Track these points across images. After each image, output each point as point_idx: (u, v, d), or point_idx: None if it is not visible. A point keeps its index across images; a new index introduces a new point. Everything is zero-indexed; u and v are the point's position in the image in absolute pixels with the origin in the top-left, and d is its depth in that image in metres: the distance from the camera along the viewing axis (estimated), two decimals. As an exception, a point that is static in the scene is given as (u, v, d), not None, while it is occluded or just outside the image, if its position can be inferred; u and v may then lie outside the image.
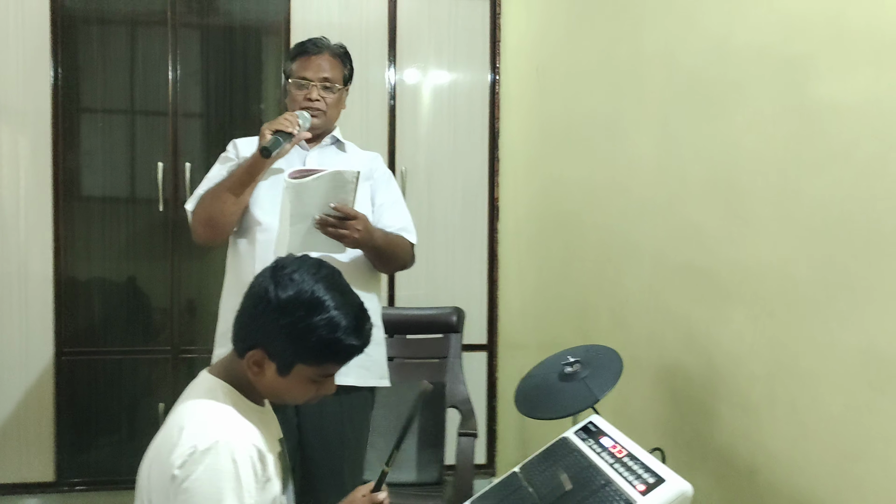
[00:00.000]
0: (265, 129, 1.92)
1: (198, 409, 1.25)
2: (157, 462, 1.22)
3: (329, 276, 1.29)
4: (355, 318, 1.27)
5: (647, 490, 1.30)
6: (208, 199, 1.99)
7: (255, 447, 1.22)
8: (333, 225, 1.86)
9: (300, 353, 1.24)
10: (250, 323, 1.28)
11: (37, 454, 3.22)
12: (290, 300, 1.23)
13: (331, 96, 2.07)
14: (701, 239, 1.83)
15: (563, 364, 1.82)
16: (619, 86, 2.27)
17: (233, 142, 2.15)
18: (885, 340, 1.26)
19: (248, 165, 1.94)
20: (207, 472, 1.15)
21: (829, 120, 1.38)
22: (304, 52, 2.07)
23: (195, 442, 1.17)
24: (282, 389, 1.29)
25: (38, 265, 3.21)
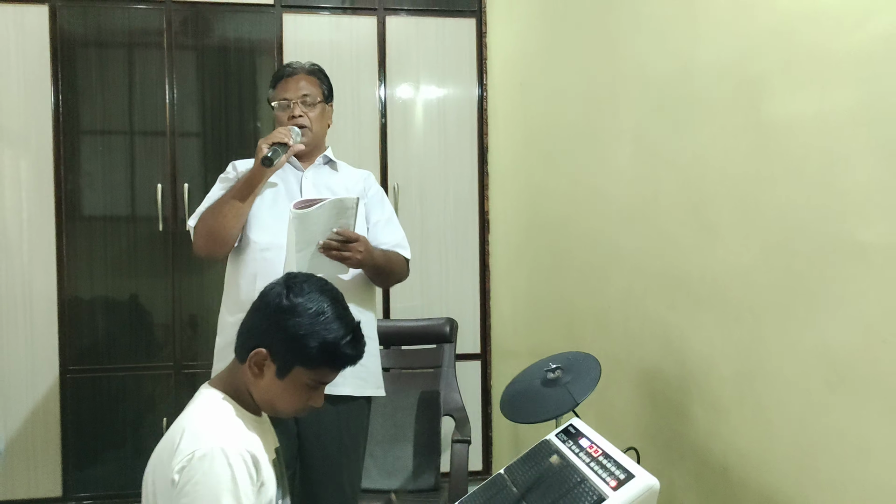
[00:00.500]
0: (262, 143, 2.03)
1: (196, 417, 1.34)
2: (160, 467, 1.31)
3: (334, 292, 1.43)
4: (353, 332, 1.40)
5: (619, 486, 1.39)
6: (210, 214, 2.09)
7: (250, 452, 1.30)
8: (337, 248, 1.98)
9: (301, 356, 1.35)
10: (258, 324, 1.39)
11: (44, 470, 3.30)
12: (300, 305, 1.35)
13: (313, 111, 2.19)
14: (674, 248, 1.91)
15: (546, 370, 1.90)
16: (597, 102, 2.36)
17: (232, 163, 2.25)
18: (837, 342, 1.34)
19: (248, 177, 2.04)
20: (205, 477, 1.24)
21: (782, 136, 1.47)
22: (280, 76, 2.22)
23: (193, 448, 1.26)
24: (277, 394, 1.38)
25: (42, 285, 3.30)
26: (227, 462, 1.25)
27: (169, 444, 1.32)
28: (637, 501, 1.37)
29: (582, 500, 1.42)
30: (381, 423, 3.01)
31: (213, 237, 2.06)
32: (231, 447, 1.28)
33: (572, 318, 2.62)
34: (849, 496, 1.32)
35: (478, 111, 3.60)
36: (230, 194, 2.07)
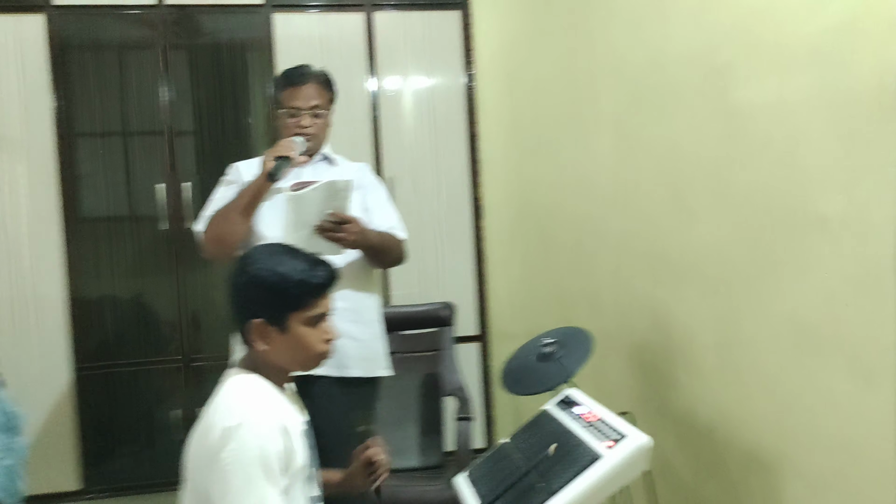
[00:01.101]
0: (268, 156, 2.11)
1: (226, 395, 1.45)
2: (198, 444, 1.43)
3: (274, 245, 1.55)
4: (312, 259, 1.50)
5: (614, 444, 1.52)
6: (218, 220, 2.17)
7: (279, 422, 1.42)
8: (331, 229, 2.08)
9: (287, 304, 1.45)
10: (238, 307, 1.49)
11: (62, 465, 3.39)
12: (257, 269, 1.45)
13: (320, 120, 2.28)
14: (656, 228, 2.04)
15: (541, 346, 2.03)
16: (578, 92, 2.49)
17: (234, 165, 2.33)
18: (805, 308, 1.48)
19: (254, 189, 2.13)
20: (236, 449, 1.35)
21: (748, 120, 1.60)
22: (290, 83, 2.26)
23: (224, 422, 1.37)
24: (293, 348, 1.47)
25: (50, 287, 3.38)
26: (255, 433, 1.36)
27: (204, 424, 1.43)
28: (630, 458, 1.50)
29: (580, 459, 1.55)
30: (386, 405, 3.10)
31: (222, 243, 2.15)
32: (259, 418, 1.38)
33: (565, 298, 2.75)
34: (819, 446, 1.46)
35: (466, 101, 3.70)
36: (236, 204, 2.15)
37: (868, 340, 1.31)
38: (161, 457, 3.46)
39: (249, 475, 1.35)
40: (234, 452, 1.35)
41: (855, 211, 1.32)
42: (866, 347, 1.32)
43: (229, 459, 1.35)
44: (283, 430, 1.42)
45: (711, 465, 1.85)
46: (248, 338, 1.49)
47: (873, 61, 1.24)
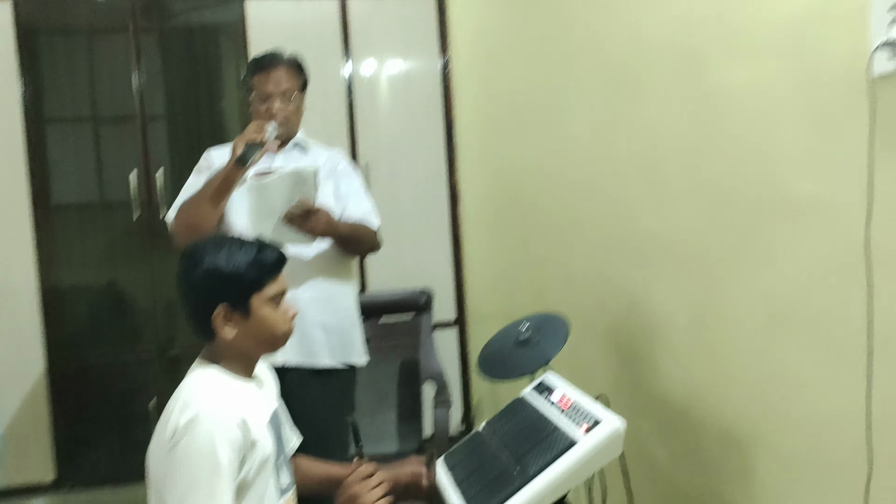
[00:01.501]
0: (238, 141, 2.08)
1: (185, 389, 1.45)
2: (157, 440, 1.42)
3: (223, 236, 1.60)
4: (258, 243, 1.54)
5: (589, 429, 1.53)
6: (188, 209, 2.15)
7: (237, 416, 1.40)
8: (298, 219, 2.06)
9: (246, 288, 1.48)
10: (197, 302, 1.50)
11: (37, 458, 3.36)
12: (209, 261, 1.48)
13: (291, 105, 2.26)
14: (632, 211, 2.05)
15: (518, 331, 2.04)
16: (555, 75, 2.48)
17: (207, 152, 2.30)
18: (777, 290, 1.49)
19: (224, 176, 2.09)
20: (189, 442, 1.35)
21: (722, 104, 1.61)
22: (261, 67, 2.24)
23: (179, 416, 1.37)
24: (259, 329, 1.50)
25: (22, 277, 3.33)
26: (208, 428, 1.35)
27: (164, 418, 1.43)
28: (605, 442, 1.51)
29: (556, 445, 1.56)
30: (364, 393, 3.12)
31: (192, 231, 2.09)
32: (213, 413, 1.38)
33: (542, 282, 2.76)
34: (792, 424, 1.48)
35: (442, 86, 3.68)
36: (207, 192, 2.11)
37: (839, 321, 1.33)
38: (136, 448, 3.36)
39: (200, 471, 1.35)
40: (186, 448, 1.35)
41: (826, 194, 1.33)
42: (837, 328, 1.33)
43: (180, 454, 1.35)
44: (242, 423, 1.41)
45: (686, 446, 1.87)
46: (212, 328, 1.50)
47: (844, 46, 1.25)
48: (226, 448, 1.36)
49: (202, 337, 1.54)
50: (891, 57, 1.16)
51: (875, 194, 1.20)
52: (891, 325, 1.21)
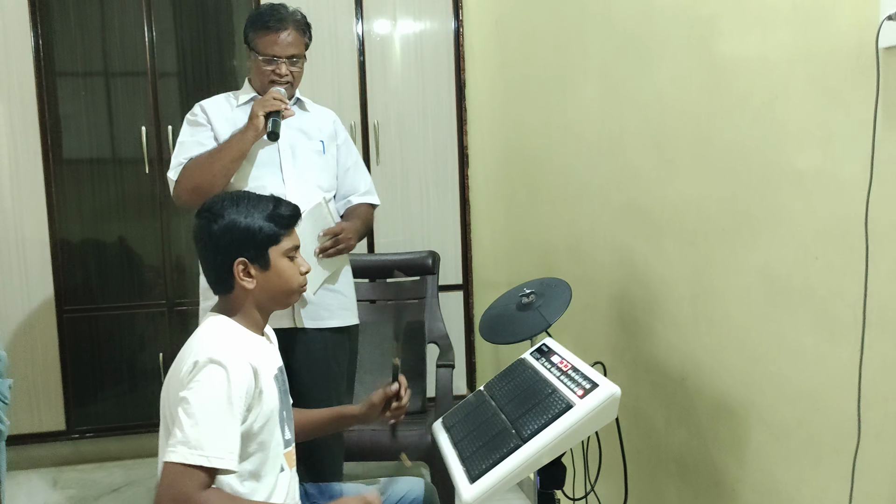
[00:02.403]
0: (258, 110, 2.09)
1: (200, 334, 1.52)
2: (172, 380, 1.48)
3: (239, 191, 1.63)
4: (273, 198, 1.62)
5: (585, 394, 1.55)
6: (197, 169, 2.14)
7: (248, 362, 1.46)
8: (332, 247, 2.17)
9: (265, 241, 1.55)
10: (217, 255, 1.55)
11: (47, 406, 3.45)
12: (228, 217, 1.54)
13: (297, 68, 2.24)
14: (638, 180, 2.05)
15: (521, 296, 2.05)
16: (566, 41, 2.46)
17: (199, 105, 2.27)
18: (776, 262, 1.50)
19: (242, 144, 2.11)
20: (203, 380, 1.40)
21: (730, 73, 1.60)
22: (268, 27, 2.17)
23: (196, 358, 1.43)
24: (274, 284, 1.57)
25: (33, 229, 3.38)
26: (223, 367, 1.41)
27: (178, 361, 1.48)
28: (601, 407, 1.54)
29: (552, 408, 1.59)
30: (370, 352, 3.17)
31: (199, 192, 2.09)
32: (229, 355, 1.44)
33: (547, 248, 2.77)
34: (785, 394, 1.50)
35: (454, 47, 3.67)
36: (222, 156, 2.11)
37: (835, 295, 1.34)
38: (144, 399, 3.51)
39: (214, 407, 1.40)
40: (199, 384, 1.40)
41: (829, 167, 1.33)
42: (833, 301, 1.34)
43: (196, 391, 1.40)
44: (254, 371, 1.46)
45: (682, 413, 1.89)
46: (230, 282, 1.55)
47: (853, 19, 1.24)
48: (237, 389, 1.42)
49: (218, 290, 1.59)
50: (900, 30, 1.15)
51: (876, 168, 1.20)
52: (884, 300, 1.22)
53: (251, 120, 2.10)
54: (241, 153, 2.13)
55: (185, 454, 1.35)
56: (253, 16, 2.25)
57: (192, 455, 1.35)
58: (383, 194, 3.63)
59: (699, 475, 1.83)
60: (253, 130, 2.10)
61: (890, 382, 1.22)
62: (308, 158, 2.29)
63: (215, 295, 1.61)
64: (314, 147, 2.31)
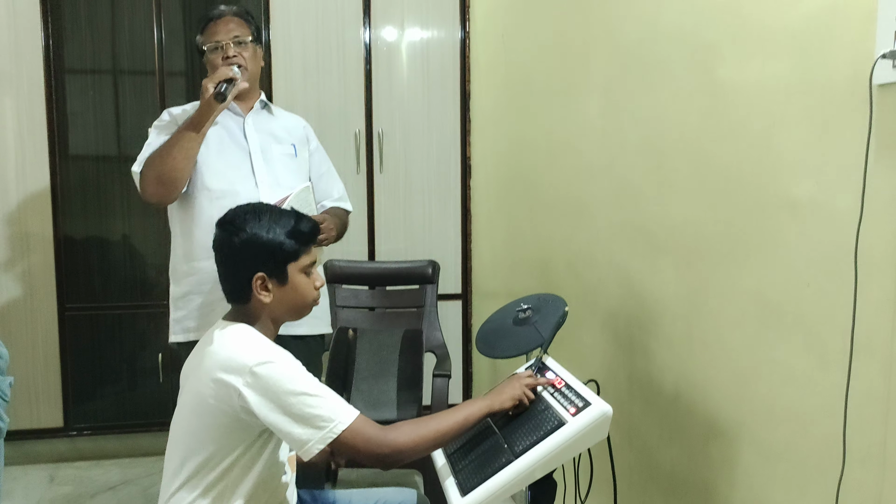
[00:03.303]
0: (206, 83, 2.09)
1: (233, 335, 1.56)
2: (209, 370, 1.50)
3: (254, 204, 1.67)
4: (294, 213, 1.66)
5: (577, 412, 1.58)
6: (157, 158, 2.14)
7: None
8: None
9: (284, 256, 1.59)
10: (235, 266, 1.59)
11: (45, 403, 3.47)
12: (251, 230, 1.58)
13: (246, 51, 2.26)
14: (637, 198, 2.08)
15: (517, 310, 2.07)
16: (570, 58, 2.49)
17: (167, 111, 2.30)
18: (769, 286, 1.52)
19: (195, 117, 2.10)
20: (272, 374, 1.47)
21: (729, 99, 1.63)
22: (208, 20, 2.27)
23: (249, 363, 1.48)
24: (291, 297, 1.62)
25: (38, 226, 3.41)
26: (285, 360, 1.51)
27: (215, 357, 1.52)
28: (593, 425, 1.56)
29: (545, 424, 1.61)
30: (367, 360, 3.19)
31: (163, 181, 2.12)
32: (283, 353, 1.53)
33: (546, 262, 2.79)
34: (775, 417, 1.52)
35: (461, 58, 3.70)
36: (178, 136, 2.12)
37: (825, 321, 1.36)
38: (142, 398, 3.53)
39: (294, 373, 1.49)
40: (270, 378, 1.47)
41: (822, 197, 1.36)
42: (823, 328, 1.37)
43: (267, 370, 1.47)
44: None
45: (674, 431, 1.92)
46: (247, 293, 1.59)
47: (850, 52, 1.27)
48: (297, 364, 1.52)
49: (234, 300, 1.63)
50: (893, 67, 1.17)
51: (867, 200, 1.22)
52: (872, 330, 1.24)
53: (202, 95, 2.11)
54: (197, 130, 2.11)
55: (341, 417, 1.47)
56: (198, 22, 2.34)
57: (345, 415, 1.48)
58: (386, 202, 3.68)
59: (689, 494, 1.85)
60: (205, 105, 2.09)
61: (875, 410, 1.25)
62: (280, 161, 2.31)
63: (230, 303, 1.65)
64: (285, 150, 2.34)
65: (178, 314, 2.26)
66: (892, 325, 1.21)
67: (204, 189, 2.18)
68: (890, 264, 1.20)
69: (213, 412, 1.49)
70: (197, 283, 2.22)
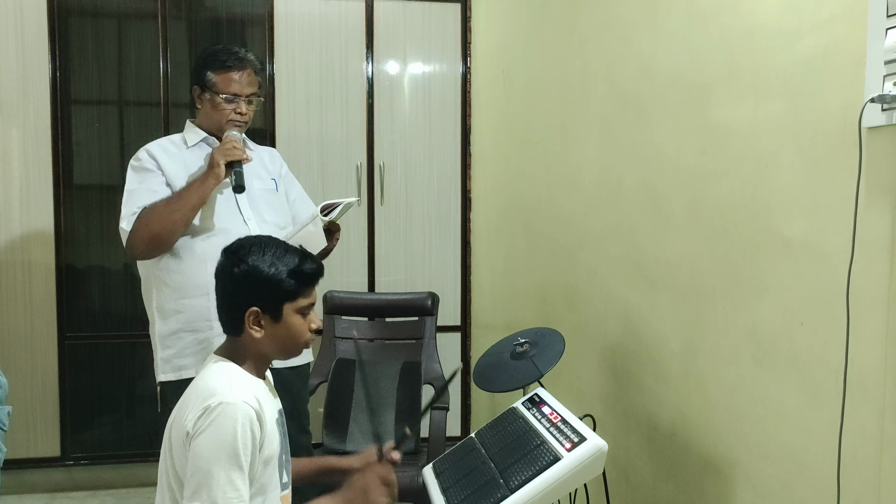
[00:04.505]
0: (219, 159, 2.08)
1: (209, 378, 1.52)
2: (176, 424, 1.49)
3: (265, 238, 1.63)
4: (301, 252, 1.62)
5: (573, 447, 1.58)
6: (155, 218, 2.09)
7: (254, 409, 1.48)
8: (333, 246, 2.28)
9: (282, 295, 1.55)
10: (232, 296, 1.56)
11: (43, 431, 3.45)
12: (255, 261, 1.55)
13: (252, 108, 2.28)
14: (634, 233, 2.10)
15: (515, 344, 2.09)
16: (569, 95, 2.53)
17: (144, 150, 2.24)
18: (763, 323, 1.53)
19: (203, 191, 2.09)
20: (213, 428, 1.42)
21: (723, 138, 1.65)
22: (228, 67, 2.22)
23: (204, 403, 1.44)
24: (283, 336, 1.57)
25: (40, 254, 3.42)
26: (233, 415, 1.43)
27: (184, 404, 1.50)
28: (587, 461, 1.56)
29: (540, 459, 1.61)
30: (367, 391, 3.18)
31: (158, 241, 2.09)
32: (236, 403, 1.45)
33: (545, 295, 2.80)
34: (770, 455, 1.52)
35: (461, 93, 3.74)
36: (180, 203, 2.08)
37: (818, 360, 1.37)
38: (139, 429, 3.51)
39: (220, 457, 1.41)
40: (208, 433, 1.41)
41: (815, 237, 1.37)
42: (817, 366, 1.37)
43: (203, 440, 1.41)
44: (259, 417, 1.48)
45: (670, 467, 1.91)
46: (241, 326, 1.56)
47: (840, 96, 1.29)
48: (245, 439, 1.44)
49: (229, 331, 1.60)
50: (882, 110, 1.19)
51: (858, 241, 1.24)
52: (865, 370, 1.25)
53: (212, 168, 2.09)
54: (202, 200, 2.11)
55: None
56: (208, 55, 2.28)
57: None
58: (387, 233, 3.70)
59: (685, 531, 1.84)
60: (214, 179, 2.08)
61: (869, 451, 1.25)
62: (263, 198, 2.31)
63: (225, 334, 1.63)
64: (266, 186, 2.35)
65: (167, 353, 2.25)
66: (883, 365, 1.21)
67: (196, 228, 2.16)
68: (881, 306, 1.22)
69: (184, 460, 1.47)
70: (187, 321, 2.20)
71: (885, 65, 1.20)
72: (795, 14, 1.42)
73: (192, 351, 2.21)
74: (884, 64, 1.20)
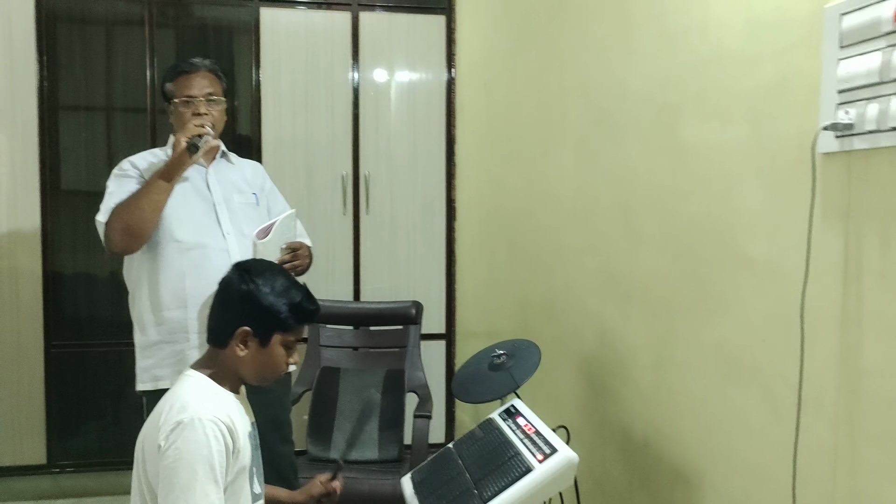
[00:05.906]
0: (180, 137, 2.11)
1: (181, 392, 1.56)
2: (148, 436, 1.52)
3: (278, 267, 1.71)
4: (307, 293, 1.66)
5: (545, 458, 1.62)
6: (125, 208, 2.12)
7: (226, 423, 1.51)
8: (290, 261, 2.21)
9: (276, 324, 1.59)
10: (230, 311, 1.60)
11: (29, 439, 3.45)
12: (261, 285, 1.59)
13: (215, 109, 2.28)
14: (608, 247, 2.14)
15: (493, 356, 2.13)
16: (548, 110, 2.58)
17: (128, 161, 2.29)
18: (731, 338, 1.58)
19: (167, 169, 2.11)
20: (186, 443, 1.45)
21: (692, 157, 1.70)
22: (182, 72, 2.26)
23: (177, 417, 1.47)
24: (263, 362, 1.60)
25: (27, 261, 3.43)
26: (205, 430, 1.46)
27: (157, 416, 1.53)
28: (558, 472, 1.60)
29: (513, 470, 1.66)
30: (349, 399, 3.21)
31: (130, 232, 2.11)
32: (210, 418, 1.49)
33: (524, 305, 2.85)
34: (734, 467, 1.57)
35: (446, 104, 3.77)
36: (147, 188, 2.12)
37: (778, 376, 1.42)
38: (125, 437, 3.49)
39: (195, 472, 1.45)
40: (181, 448, 1.45)
41: (774, 256, 1.42)
42: (776, 382, 1.42)
43: (177, 455, 1.44)
44: (231, 430, 1.51)
45: (643, 477, 1.96)
46: (228, 340, 1.59)
47: (797, 122, 1.34)
48: (219, 452, 1.47)
49: (213, 342, 1.63)
50: (836, 137, 1.24)
51: (812, 262, 1.29)
52: (819, 387, 1.30)
53: (174, 148, 2.12)
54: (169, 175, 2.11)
55: None
56: (166, 70, 2.35)
57: None
58: (372, 243, 3.74)
59: (657, 539, 1.89)
60: (176, 157, 2.10)
61: (823, 465, 1.30)
62: (243, 212, 2.34)
63: (208, 344, 1.65)
64: (247, 200, 2.37)
65: (147, 362, 2.28)
66: (837, 382, 1.26)
67: (172, 241, 2.19)
68: (835, 324, 1.26)
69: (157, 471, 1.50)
70: (167, 333, 2.23)
71: (838, 94, 1.25)
72: (758, 40, 1.47)
73: (170, 362, 2.24)
74: (837, 93, 1.25)
